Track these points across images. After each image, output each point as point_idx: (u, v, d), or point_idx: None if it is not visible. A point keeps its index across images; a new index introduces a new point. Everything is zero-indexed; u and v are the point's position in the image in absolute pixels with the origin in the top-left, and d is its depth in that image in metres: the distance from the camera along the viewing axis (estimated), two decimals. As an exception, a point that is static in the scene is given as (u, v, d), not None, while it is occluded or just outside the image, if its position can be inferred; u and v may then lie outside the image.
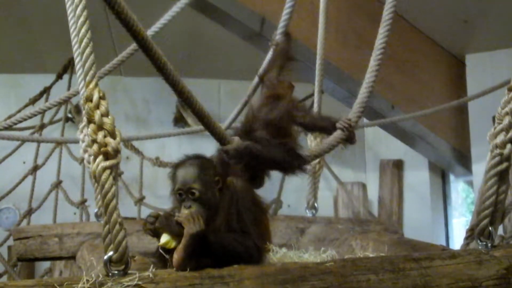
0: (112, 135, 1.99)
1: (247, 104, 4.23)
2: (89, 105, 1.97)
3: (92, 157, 1.98)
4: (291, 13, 3.73)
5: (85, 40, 2.00)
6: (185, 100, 2.41)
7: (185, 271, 2.07)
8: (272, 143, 2.81)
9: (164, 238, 2.28)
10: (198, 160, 2.48)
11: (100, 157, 1.97)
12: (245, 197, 2.46)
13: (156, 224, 2.30)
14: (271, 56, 3.54)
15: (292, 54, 3.45)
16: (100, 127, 1.97)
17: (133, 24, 2.09)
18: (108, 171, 1.96)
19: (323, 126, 3.14)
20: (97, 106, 1.98)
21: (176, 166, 2.47)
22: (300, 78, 4.50)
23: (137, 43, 2.18)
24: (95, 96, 1.97)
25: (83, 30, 2.00)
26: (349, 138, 3.08)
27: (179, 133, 6.17)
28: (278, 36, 3.63)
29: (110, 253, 1.97)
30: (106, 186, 1.95)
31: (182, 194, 2.38)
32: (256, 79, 3.63)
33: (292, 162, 2.82)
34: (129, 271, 1.99)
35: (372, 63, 3.05)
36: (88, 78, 1.98)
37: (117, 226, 1.95)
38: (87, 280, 1.91)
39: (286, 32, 3.65)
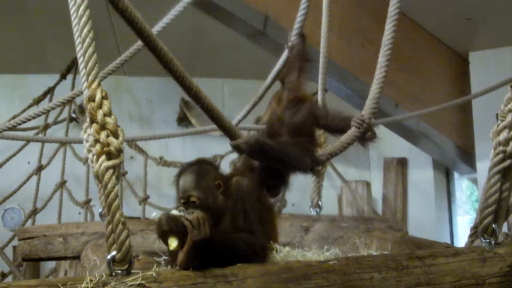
0: (115, 134, 1.99)
1: (256, 104, 4.23)
2: (91, 105, 1.97)
3: (95, 157, 1.98)
4: (306, 14, 3.71)
5: (87, 40, 2.00)
6: (193, 96, 2.38)
7: (188, 270, 2.07)
8: (288, 141, 2.79)
9: (174, 242, 2.21)
10: (197, 166, 2.48)
11: (103, 157, 1.97)
12: (251, 196, 2.46)
13: (163, 228, 2.19)
14: (289, 58, 3.53)
15: (309, 55, 3.43)
16: (102, 126, 1.98)
17: (137, 22, 2.08)
18: (110, 171, 1.97)
19: (343, 127, 3.03)
20: (100, 106, 1.98)
21: (178, 174, 2.47)
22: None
23: (142, 40, 2.16)
24: (98, 96, 1.98)
25: (85, 30, 2.00)
26: (369, 136, 3.01)
27: (183, 133, 6.16)
28: (293, 38, 3.61)
29: (113, 252, 1.98)
30: (109, 185, 1.95)
31: (184, 202, 2.39)
32: (268, 80, 3.61)
33: (305, 161, 2.75)
34: (133, 271, 1.99)
35: (381, 59, 3.04)
36: (90, 77, 1.98)
37: (120, 226, 1.95)
38: (91, 280, 1.91)
39: (301, 33, 3.63)
